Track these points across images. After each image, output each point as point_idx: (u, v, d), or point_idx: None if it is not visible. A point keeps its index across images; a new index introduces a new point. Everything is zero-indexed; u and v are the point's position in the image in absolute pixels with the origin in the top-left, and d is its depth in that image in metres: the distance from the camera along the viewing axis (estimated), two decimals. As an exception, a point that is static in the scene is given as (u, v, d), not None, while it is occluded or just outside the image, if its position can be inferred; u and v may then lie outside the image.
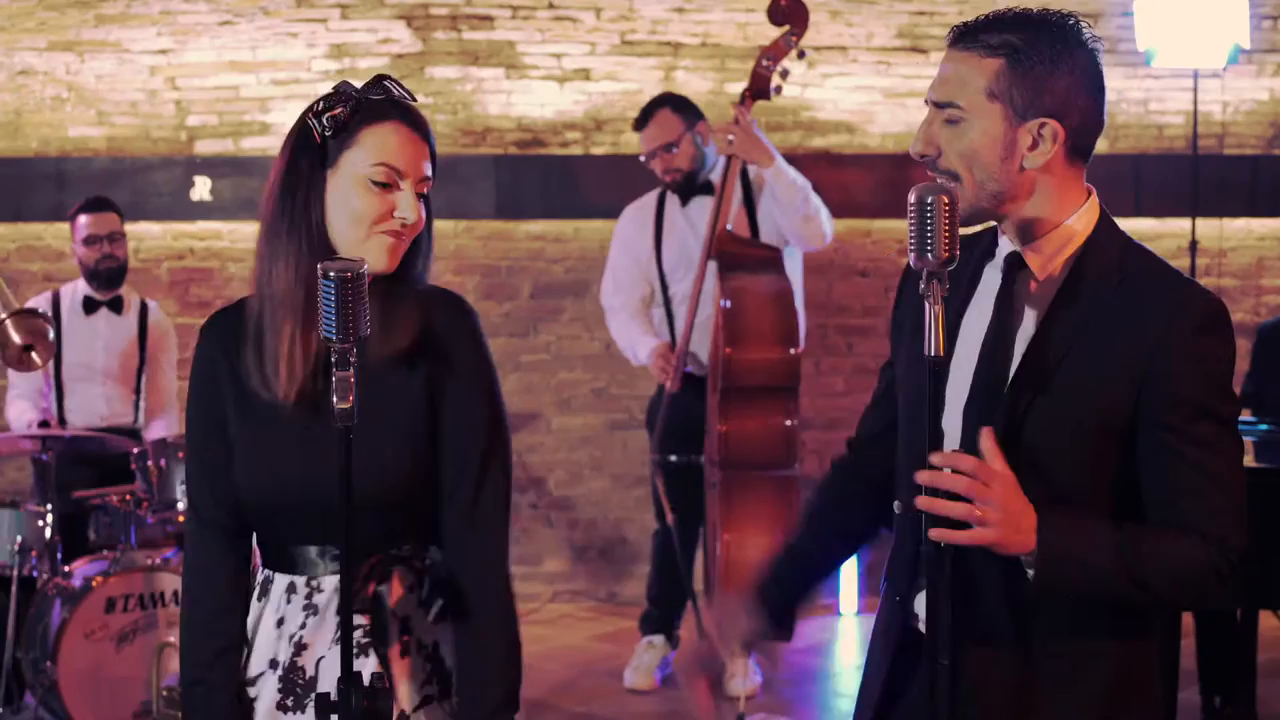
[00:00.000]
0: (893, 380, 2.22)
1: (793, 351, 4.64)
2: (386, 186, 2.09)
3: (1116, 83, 6.68)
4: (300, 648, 2.14)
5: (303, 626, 2.14)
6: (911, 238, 1.84)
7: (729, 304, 4.64)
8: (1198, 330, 1.92)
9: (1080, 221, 2.01)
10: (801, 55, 4.88)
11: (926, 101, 2.03)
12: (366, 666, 2.07)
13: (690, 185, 5.11)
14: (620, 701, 5.11)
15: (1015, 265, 2.01)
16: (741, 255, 4.78)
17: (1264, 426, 4.44)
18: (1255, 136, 6.72)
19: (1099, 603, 1.97)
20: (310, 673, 2.13)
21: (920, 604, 2.07)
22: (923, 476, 1.88)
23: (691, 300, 4.91)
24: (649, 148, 5.09)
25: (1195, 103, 6.31)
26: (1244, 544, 1.93)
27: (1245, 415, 4.72)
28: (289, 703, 2.14)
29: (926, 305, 1.85)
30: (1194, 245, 6.31)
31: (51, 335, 3.68)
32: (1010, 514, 1.86)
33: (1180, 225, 6.53)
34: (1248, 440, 4.34)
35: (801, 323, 4.82)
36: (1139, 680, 2.03)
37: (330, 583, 2.11)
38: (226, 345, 2.17)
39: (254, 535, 2.21)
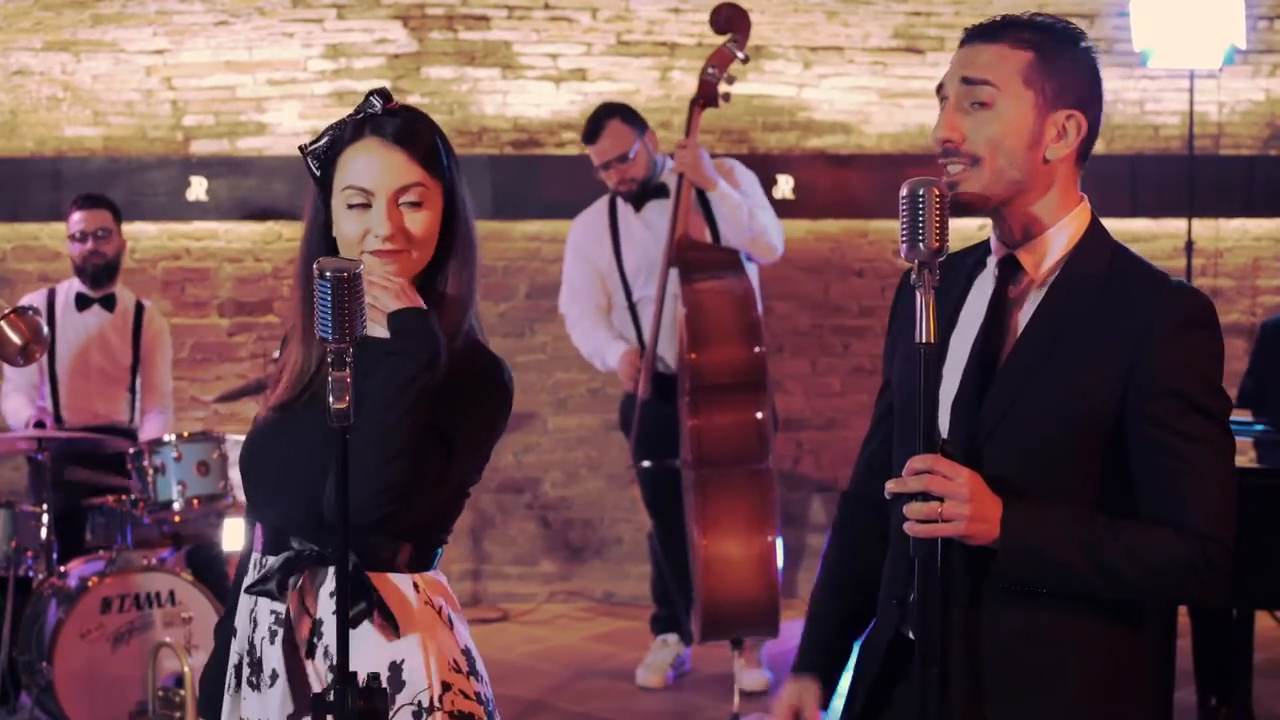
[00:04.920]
0: (890, 404, 2.22)
1: (757, 349, 4.64)
2: (364, 207, 2.12)
3: (1113, 83, 6.68)
4: (254, 623, 2.17)
5: (256, 604, 2.17)
6: (904, 229, 1.89)
7: (689, 310, 4.65)
8: (1184, 325, 1.94)
9: (1074, 224, 2.04)
10: (745, 60, 4.90)
11: (938, 94, 2.05)
12: (271, 655, 2.11)
13: (644, 191, 5.09)
14: (617, 701, 5.10)
15: (1011, 266, 2.05)
16: (701, 260, 4.79)
17: (1261, 427, 4.43)
18: (1251, 137, 6.73)
19: (1083, 596, 1.96)
20: (258, 654, 2.15)
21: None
22: (890, 486, 1.92)
23: (655, 305, 4.90)
24: (602, 160, 5.04)
25: (1191, 103, 6.31)
26: (1228, 539, 1.92)
27: (1245, 415, 4.72)
28: (253, 680, 2.16)
29: (918, 294, 1.89)
30: (1190, 246, 6.31)
31: (46, 331, 3.72)
32: (975, 505, 1.89)
33: (1176, 225, 6.54)
34: (1246, 440, 4.34)
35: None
36: (1129, 672, 2.01)
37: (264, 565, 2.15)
38: None
39: None
